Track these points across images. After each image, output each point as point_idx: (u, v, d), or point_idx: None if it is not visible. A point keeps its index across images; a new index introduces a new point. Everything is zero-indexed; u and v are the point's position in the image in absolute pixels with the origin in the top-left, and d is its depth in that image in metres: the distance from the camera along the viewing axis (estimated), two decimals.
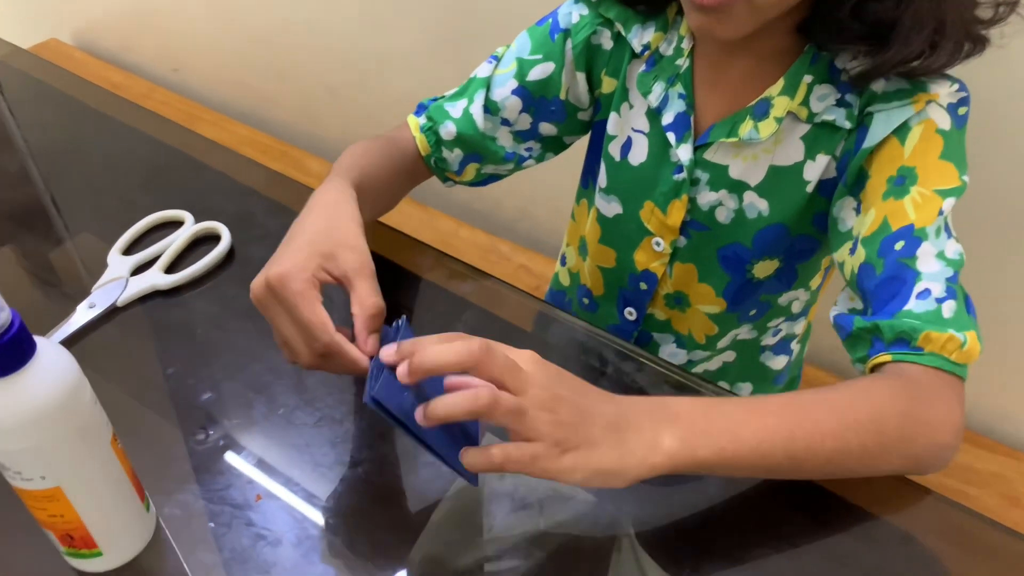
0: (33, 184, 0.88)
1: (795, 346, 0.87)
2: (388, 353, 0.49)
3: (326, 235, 0.59)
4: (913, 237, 0.58)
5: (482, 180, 0.84)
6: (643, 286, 0.80)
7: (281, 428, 0.62)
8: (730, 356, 0.85)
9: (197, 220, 0.80)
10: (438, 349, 0.47)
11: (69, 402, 0.45)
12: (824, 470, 0.54)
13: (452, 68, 1.32)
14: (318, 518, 0.56)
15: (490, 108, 0.77)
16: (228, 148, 0.91)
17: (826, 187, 0.67)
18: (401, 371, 0.48)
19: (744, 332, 0.81)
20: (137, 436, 0.61)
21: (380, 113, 1.52)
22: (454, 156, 0.80)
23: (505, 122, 0.78)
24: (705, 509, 0.57)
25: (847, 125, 0.63)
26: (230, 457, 0.60)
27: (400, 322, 0.56)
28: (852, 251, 0.62)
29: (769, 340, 0.83)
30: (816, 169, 0.66)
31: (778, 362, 0.86)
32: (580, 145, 0.84)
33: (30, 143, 0.95)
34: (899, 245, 0.58)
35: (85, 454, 0.48)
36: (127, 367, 0.67)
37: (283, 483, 0.58)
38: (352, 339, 0.56)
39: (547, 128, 0.79)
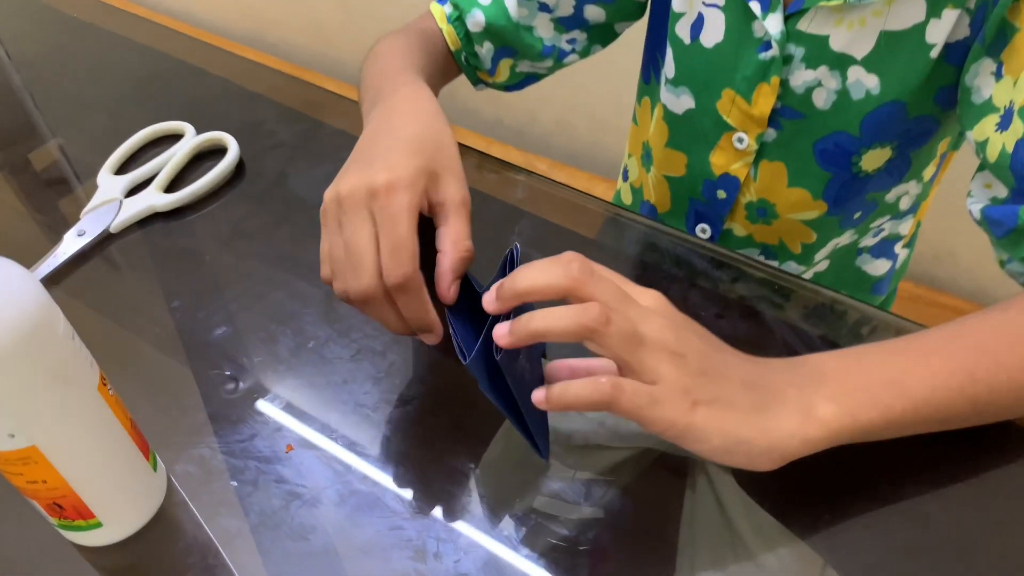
0: (13, 99, 0.77)
1: (900, 251, 0.74)
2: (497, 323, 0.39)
3: (432, 153, 0.47)
4: None
5: (517, 82, 0.71)
6: (721, 194, 0.68)
7: (312, 365, 0.52)
8: (823, 265, 0.72)
9: (199, 132, 0.69)
10: (530, 272, 0.38)
11: (35, 337, 0.35)
12: (1013, 410, 0.43)
13: None
14: (363, 469, 0.46)
15: None
16: (229, 51, 0.79)
17: (956, 52, 0.54)
18: (488, 299, 0.39)
19: (845, 239, 0.69)
20: (141, 382, 0.51)
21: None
22: (485, 51, 0.67)
23: (544, 7, 0.65)
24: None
25: None
26: (253, 401, 0.50)
27: (513, 252, 0.43)
28: (1002, 127, 0.49)
29: (868, 241, 0.71)
30: (942, 29, 0.53)
31: (877, 267, 0.74)
32: (624, 40, 0.71)
33: (11, 55, 0.84)
34: None
35: (64, 403, 0.37)
36: (125, 302, 0.57)
37: (318, 429, 0.48)
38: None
39: (594, 12, 0.66)
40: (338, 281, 0.45)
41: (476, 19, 0.66)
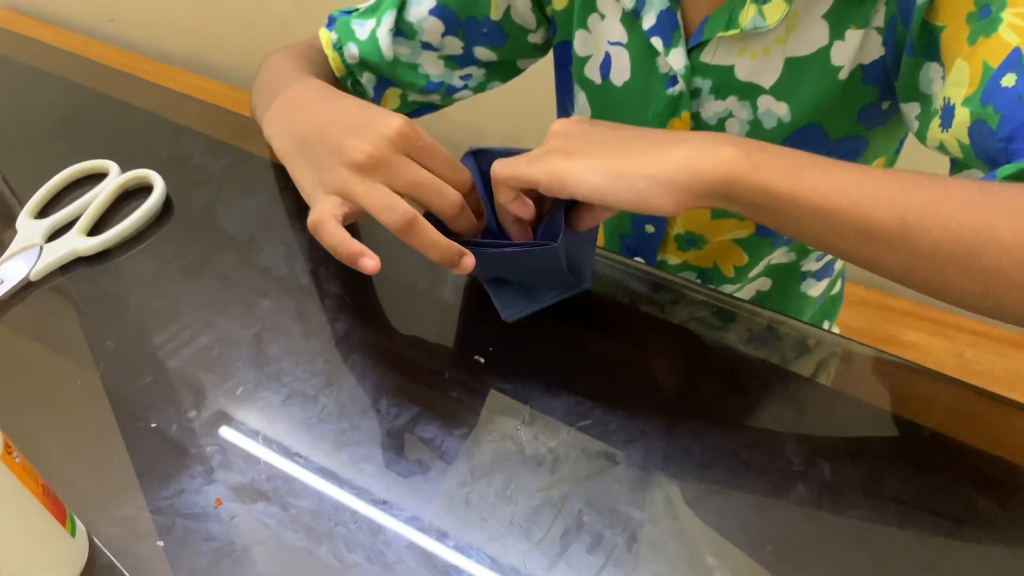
0: None
1: (838, 264, 0.74)
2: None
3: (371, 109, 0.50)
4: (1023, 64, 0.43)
5: (411, 111, 0.70)
6: (649, 229, 0.67)
7: (241, 411, 0.50)
8: (765, 284, 0.72)
9: (124, 169, 0.66)
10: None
11: None
12: (943, 258, 0.38)
13: None
14: (295, 522, 0.44)
15: (405, 31, 0.63)
16: (153, 83, 0.77)
17: (874, 72, 0.53)
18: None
19: (779, 256, 0.69)
20: (61, 439, 0.49)
21: None
22: (366, 81, 0.66)
23: (428, 46, 0.64)
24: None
25: None
26: (179, 454, 0.48)
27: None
28: (945, 125, 0.47)
29: (812, 265, 0.71)
30: (846, 50, 0.52)
31: (820, 288, 0.74)
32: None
33: None
34: (1008, 79, 0.43)
35: None
36: (45, 353, 0.55)
37: (248, 481, 0.46)
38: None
39: (485, 53, 0.65)
40: (435, 200, 0.47)
41: (351, 52, 0.65)
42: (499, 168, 0.46)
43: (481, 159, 0.52)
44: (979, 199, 0.38)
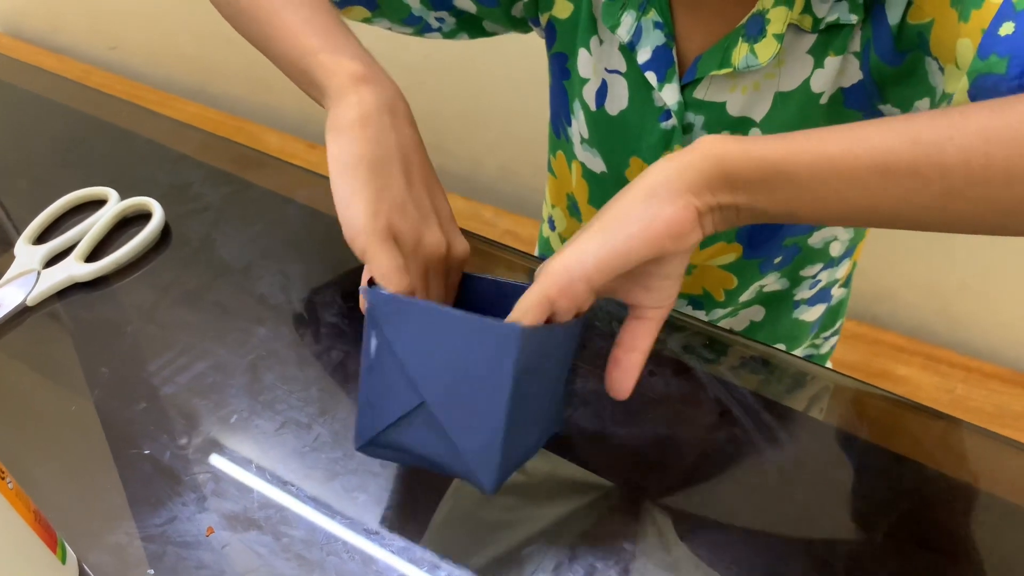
0: None
1: (837, 291, 0.75)
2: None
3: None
4: (1018, 11, 0.41)
5: (369, 21, 0.66)
6: None
7: (235, 439, 0.50)
8: (758, 313, 0.73)
9: (123, 196, 0.67)
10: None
11: None
12: (980, 163, 0.35)
13: None
14: (287, 551, 0.44)
15: None
16: (154, 111, 0.77)
17: (855, 96, 0.54)
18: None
19: (771, 282, 0.69)
20: (54, 465, 0.49)
21: None
22: None
23: None
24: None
25: (852, 19, 0.50)
26: (172, 481, 0.48)
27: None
28: (947, 101, 0.47)
29: (805, 293, 0.71)
30: (826, 76, 0.53)
31: (813, 313, 0.75)
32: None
33: None
34: (1007, 27, 0.40)
35: None
36: (40, 379, 0.55)
37: (240, 510, 0.46)
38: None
39: (465, 3, 0.64)
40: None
41: None
42: (514, 315, 0.40)
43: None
44: (980, 106, 0.36)
